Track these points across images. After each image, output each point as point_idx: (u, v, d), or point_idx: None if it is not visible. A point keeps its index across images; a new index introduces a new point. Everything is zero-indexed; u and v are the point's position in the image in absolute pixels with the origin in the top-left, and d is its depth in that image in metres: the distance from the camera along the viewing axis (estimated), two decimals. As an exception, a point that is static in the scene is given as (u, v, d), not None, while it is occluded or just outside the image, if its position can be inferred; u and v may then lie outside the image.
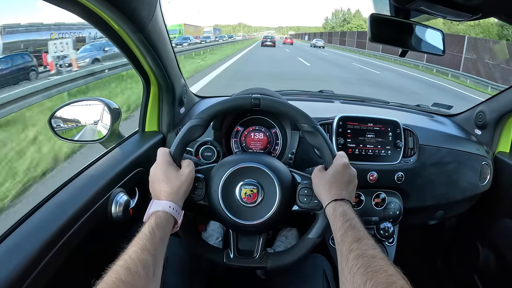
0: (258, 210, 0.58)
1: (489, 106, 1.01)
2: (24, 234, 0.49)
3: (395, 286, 0.37)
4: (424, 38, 0.78)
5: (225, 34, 55.87)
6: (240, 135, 0.86)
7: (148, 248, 0.44)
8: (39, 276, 0.46)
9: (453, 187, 0.95)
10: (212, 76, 7.59)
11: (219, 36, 39.07)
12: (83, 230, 0.56)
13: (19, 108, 3.20)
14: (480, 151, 0.98)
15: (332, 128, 0.86)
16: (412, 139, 0.90)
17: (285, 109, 0.61)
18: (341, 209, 0.51)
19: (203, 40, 22.23)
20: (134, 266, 0.40)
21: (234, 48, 21.32)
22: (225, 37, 38.49)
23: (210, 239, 0.99)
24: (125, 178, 0.70)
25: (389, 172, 0.87)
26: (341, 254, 0.45)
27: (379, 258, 0.41)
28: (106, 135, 0.78)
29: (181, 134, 0.58)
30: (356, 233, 0.46)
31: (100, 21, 0.57)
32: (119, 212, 0.64)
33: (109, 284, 0.37)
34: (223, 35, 45.98)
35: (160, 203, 0.51)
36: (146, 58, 0.71)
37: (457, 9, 0.63)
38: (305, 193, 0.59)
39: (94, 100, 0.81)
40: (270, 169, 0.59)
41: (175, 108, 0.89)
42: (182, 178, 0.55)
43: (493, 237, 1.02)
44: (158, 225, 0.48)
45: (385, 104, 1.18)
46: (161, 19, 0.68)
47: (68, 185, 0.61)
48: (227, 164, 0.60)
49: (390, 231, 0.80)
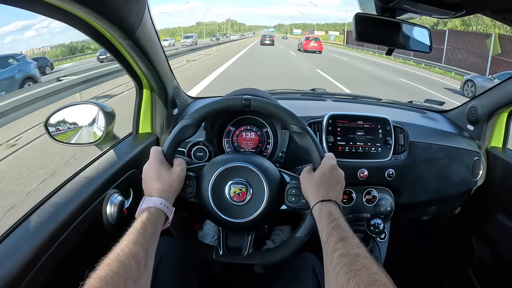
0: (247, 209, 0.59)
1: (481, 102, 1.02)
2: (21, 236, 0.50)
3: (377, 284, 0.37)
4: (411, 35, 0.79)
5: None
6: (232, 135, 0.87)
7: (140, 242, 0.45)
8: (36, 276, 0.47)
9: (445, 182, 0.96)
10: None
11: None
12: (79, 231, 0.58)
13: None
14: (472, 146, 0.99)
15: (321, 127, 0.87)
16: (403, 135, 0.91)
17: (274, 110, 0.63)
18: (327, 210, 0.52)
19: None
20: (126, 259, 0.42)
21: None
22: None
23: (206, 237, 1.01)
24: (119, 179, 0.72)
25: (380, 169, 0.88)
26: (326, 253, 0.46)
27: (363, 257, 0.42)
28: (101, 137, 0.80)
29: (173, 134, 0.60)
30: (341, 232, 0.47)
31: (92, 30, 0.59)
32: (114, 212, 0.66)
33: (102, 276, 0.39)
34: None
35: (151, 199, 0.53)
36: (137, 62, 0.73)
37: (440, 6, 0.64)
38: (293, 193, 0.61)
39: (89, 104, 0.83)
40: (258, 168, 0.60)
41: (168, 110, 0.91)
42: (173, 176, 0.57)
43: (487, 232, 1.03)
44: (149, 220, 0.49)
45: (377, 101, 1.19)
46: (150, 24, 0.69)
47: (64, 187, 0.62)
48: (217, 163, 0.62)
49: (381, 228, 0.81)
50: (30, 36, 73.50)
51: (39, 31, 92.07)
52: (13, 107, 2.97)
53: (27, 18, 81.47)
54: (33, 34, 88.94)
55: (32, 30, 79.49)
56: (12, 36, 63.97)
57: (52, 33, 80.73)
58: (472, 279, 1.06)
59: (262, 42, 24.11)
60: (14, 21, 71.54)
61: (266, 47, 21.74)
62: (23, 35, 77.78)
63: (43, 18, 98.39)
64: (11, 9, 10.86)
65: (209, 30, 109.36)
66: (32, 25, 74.36)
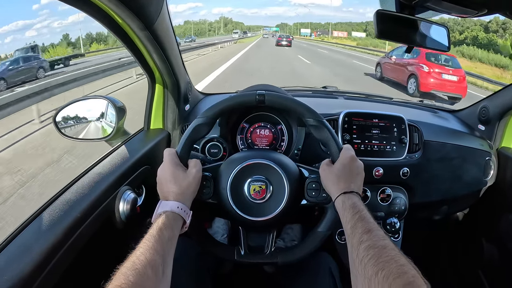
0: (267, 206, 0.58)
1: (493, 102, 1.02)
2: (32, 234, 0.48)
3: (406, 276, 0.37)
4: (429, 34, 0.79)
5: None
6: (245, 132, 0.86)
7: (156, 248, 0.43)
8: (49, 276, 0.45)
9: (457, 182, 0.95)
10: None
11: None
12: (92, 229, 0.55)
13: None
14: (484, 146, 0.99)
15: (337, 124, 0.86)
16: (417, 134, 0.90)
17: (290, 104, 0.61)
18: (351, 202, 0.51)
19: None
20: (142, 267, 0.40)
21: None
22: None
23: (216, 236, 0.99)
24: (131, 176, 0.70)
25: (395, 167, 0.87)
26: (352, 245, 0.46)
27: (390, 249, 0.41)
28: (111, 133, 0.78)
29: (187, 134, 0.58)
30: (366, 224, 0.47)
31: (105, 17, 0.57)
32: (127, 209, 0.64)
33: (117, 286, 0.37)
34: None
35: (168, 203, 0.51)
36: (152, 55, 0.71)
37: (462, 5, 0.64)
38: (313, 187, 0.59)
39: (99, 98, 0.80)
40: (278, 164, 0.59)
41: (180, 105, 0.89)
42: (189, 178, 0.55)
43: (498, 233, 1.03)
44: (166, 225, 0.48)
45: (389, 100, 1.19)
46: (167, 15, 0.68)
47: (76, 184, 0.60)
48: (235, 161, 0.60)
49: (397, 227, 0.80)
50: (30, 35, 72.57)
51: (40, 30, 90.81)
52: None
53: (27, 17, 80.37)
54: (33, 33, 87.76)
55: (32, 30, 78.41)
56: (12, 35, 63.14)
57: (52, 32, 79.79)
58: (482, 280, 1.06)
59: (278, 43, 21.53)
60: (14, 20, 70.66)
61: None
62: (24, 34, 76.73)
63: (44, 18, 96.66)
64: (11, 9, 10.45)
65: (198, 29, 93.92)
66: (33, 24, 73.43)
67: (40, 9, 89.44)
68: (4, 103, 2.99)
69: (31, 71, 5.63)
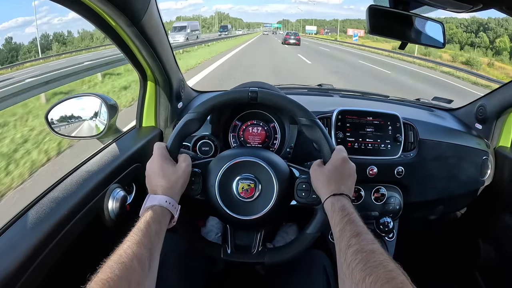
0: (256, 205, 0.57)
1: (490, 101, 1.00)
2: (19, 231, 0.48)
3: (395, 281, 0.36)
4: (424, 30, 0.77)
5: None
6: (238, 130, 0.85)
7: (143, 242, 0.43)
8: (35, 273, 0.45)
9: (454, 181, 0.94)
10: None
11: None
12: (79, 226, 0.55)
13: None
14: (480, 145, 0.98)
15: (331, 122, 0.85)
16: (412, 133, 0.89)
17: (282, 102, 0.60)
18: (340, 204, 0.50)
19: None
20: (128, 260, 0.40)
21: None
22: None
23: (210, 234, 0.99)
24: (122, 174, 0.69)
25: (389, 166, 0.86)
26: (340, 249, 0.45)
27: (378, 253, 0.40)
28: (103, 130, 0.77)
29: (178, 128, 0.58)
30: (354, 227, 0.46)
31: (96, 17, 0.57)
32: (116, 208, 0.64)
33: (103, 279, 0.37)
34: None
35: (156, 197, 0.51)
36: (142, 52, 0.70)
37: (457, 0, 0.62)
38: (303, 188, 0.59)
39: (91, 96, 0.80)
40: (267, 163, 0.58)
41: (173, 103, 0.88)
42: (178, 172, 0.54)
43: (494, 232, 1.01)
44: (153, 219, 0.47)
45: (385, 98, 1.17)
46: (156, 12, 0.67)
47: (64, 181, 0.60)
48: (224, 158, 0.60)
49: (390, 226, 0.79)
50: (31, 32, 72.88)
51: (40, 27, 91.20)
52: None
53: (27, 14, 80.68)
54: (33, 30, 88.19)
55: (32, 26, 78.79)
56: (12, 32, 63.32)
57: (52, 29, 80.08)
58: (478, 280, 1.04)
59: (285, 41, 20.05)
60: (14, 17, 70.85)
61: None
62: (24, 31, 77.13)
63: (43, 14, 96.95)
64: (11, 8, 10.46)
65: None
66: (32, 21, 73.75)
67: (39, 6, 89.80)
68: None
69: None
